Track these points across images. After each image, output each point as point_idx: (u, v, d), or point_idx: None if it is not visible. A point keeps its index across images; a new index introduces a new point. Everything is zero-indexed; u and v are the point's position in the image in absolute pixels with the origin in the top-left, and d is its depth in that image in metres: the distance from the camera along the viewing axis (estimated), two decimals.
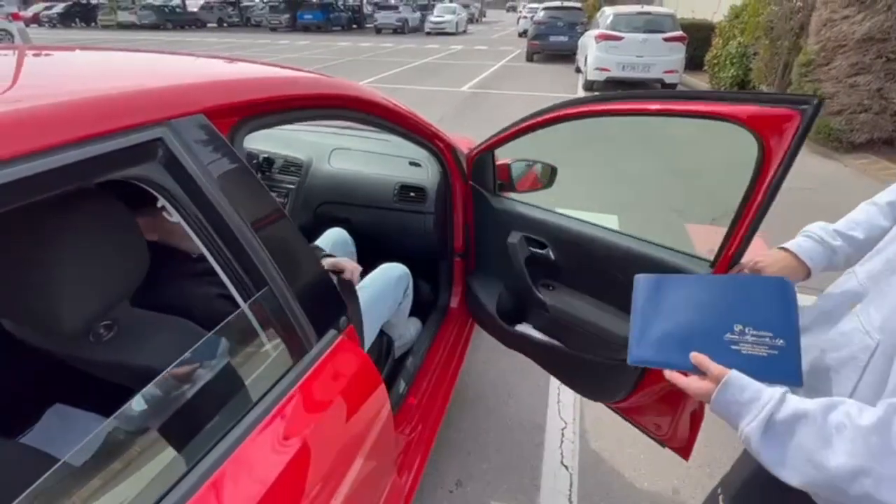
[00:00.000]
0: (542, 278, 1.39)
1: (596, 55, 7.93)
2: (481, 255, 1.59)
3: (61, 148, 0.48)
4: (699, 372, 0.64)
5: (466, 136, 2.53)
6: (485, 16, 38.61)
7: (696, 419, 1.15)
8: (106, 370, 0.76)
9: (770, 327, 0.65)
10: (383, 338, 1.48)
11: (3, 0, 13.47)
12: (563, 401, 1.86)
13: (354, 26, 24.04)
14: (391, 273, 1.44)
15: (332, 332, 0.80)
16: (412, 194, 1.66)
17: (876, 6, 4.30)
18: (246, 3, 26.88)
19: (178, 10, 23.98)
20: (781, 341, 0.64)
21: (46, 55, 0.88)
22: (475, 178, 1.48)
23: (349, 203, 1.72)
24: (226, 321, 0.64)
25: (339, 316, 0.84)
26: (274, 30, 21.89)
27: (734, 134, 0.84)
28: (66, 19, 24.02)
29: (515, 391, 1.90)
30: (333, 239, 1.57)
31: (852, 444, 0.48)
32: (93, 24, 23.94)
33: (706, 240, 3.20)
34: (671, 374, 0.67)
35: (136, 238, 0.69)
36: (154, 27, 22.02)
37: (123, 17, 22.56)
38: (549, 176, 1.51)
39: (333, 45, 15.35)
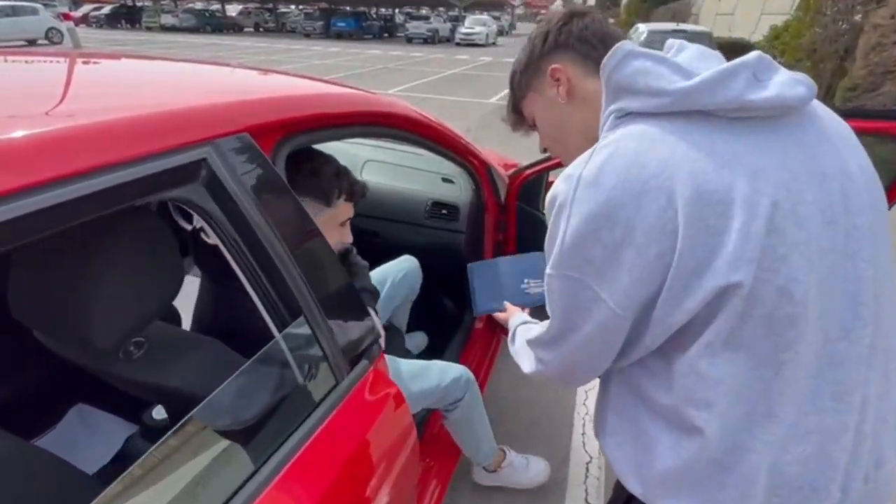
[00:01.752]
0: None
1: None
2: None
3: (104, 170, 0.46)
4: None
5: (494, 151, 2.49)
6: (515, 28, 38.77)
7: None
8: (133, 387, 0.74)
9: (540, 277, 1.09)
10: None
11: (56, 0, 14.15)
12: (588, 433, 1.78)
13: (386, 35, 24.42)
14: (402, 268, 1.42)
15: (363, 363, 0.77)
16: (444, 212, 1.63)
17: None
18: (282, 10, 27.66)
19: (217, 14, 24.85)
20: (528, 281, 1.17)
21: (92, 64, 0.88)
22: (523, 198, 1.49)
23: (379, 217, 1.70)
24: (260, 353, 0.61)
25: (372, 344, 0.80)
26: (308, 36, 22.41)
27: None
28: (112, 20, 25.11)
29: (539, 421, 1.83)
30: (404, 269, 1.47)
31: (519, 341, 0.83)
32: (137, 25, 24.98)
33: None
34: (496, 315, 1.09)
35: (173, 256, 0.67)
36: (194, 30, 22.83)
37: (166, 19, 23.47)
38: None
39: (364, 53, 15.60)
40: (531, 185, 1.47)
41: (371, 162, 1.78)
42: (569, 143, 0.73)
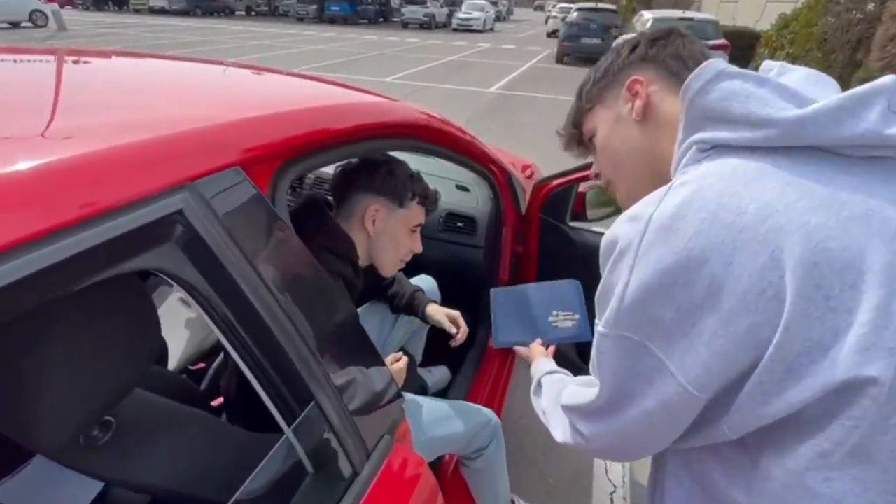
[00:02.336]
0: None
1: None
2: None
3: (21, 249, 0.30)
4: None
5: (505, 150, 2.34)
6: (512, 14, 38.14)
7: None
8: (100, 478, 0.60)
9: (570, 309, 1.04)
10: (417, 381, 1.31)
11: None
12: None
13: (381, 20, 23.86)
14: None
15: (385, 439, 0.63)
16: (460, 224, 1.48)
17: None
18: None
19: None
20: (577, 316, 1.03)
21: (45, 65, 0.71)
22: (548, 210, 1.35)
23: None
24: (267, 459, 0.46)
25: (395, 413, 0.66)
26: (301, 20, 21.83)
27: None
28: (99, 2, 24.32)
29: (558, 446, 1.71)
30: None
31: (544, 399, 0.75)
32: (125, 7, 24.22)
33: None
34: (517, 349, 0.99)
35: (146, 322, 0.52)
36: (184, 13, 22.15)
37: (155, 1, 22.75)
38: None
39: (360, 39, 15.21)
40: (557, 197, 1.33)
41: None
42: (629, 171, 0.62)
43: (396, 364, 0.93)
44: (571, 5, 16.01)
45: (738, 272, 0.40)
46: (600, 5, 12.22)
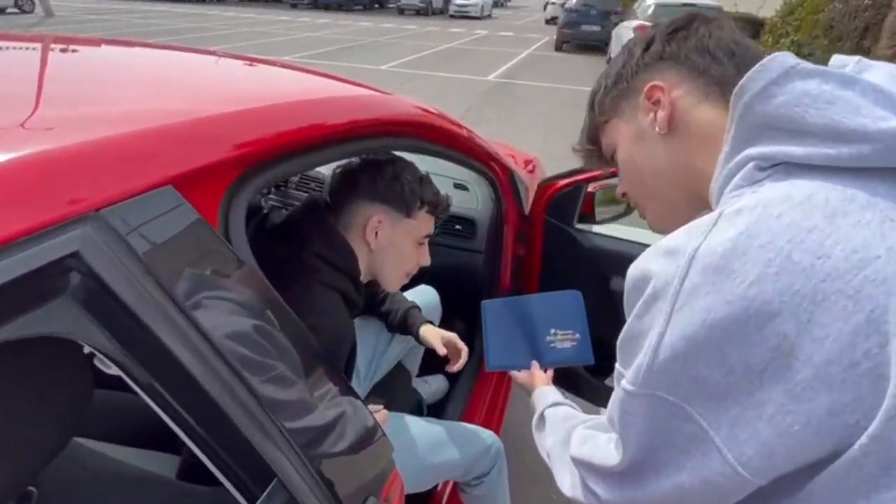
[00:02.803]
0: None
1: None
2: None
3: None
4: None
5: (506, 144, 2.22)
6: (510, 0, 37.54)
7: None
8: None
9: (570, 327, 0.92)
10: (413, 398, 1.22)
11: None
12: None
13: (377, 6, 23.39)
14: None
15: (370, 501, 0.53)
16: (458, 227, 1.37)
17: None
18: None
19: None
20: (578, 335, 0.92)
21: None
22: (553, 211, 1.24)
23: None
24: None
25: (381, 465, 0.56)
26: (294, 6, 21.37)
27: None
28: None
29: None
30: (422, 304, 1.27)
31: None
32: None
33: None
34: (513, 374, 0.88)
35: (73, 378, 0.41)
36: None
37: None
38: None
39: (355, 25, 14.89)
40: (564, 198, 1.22)
41: None
42: (658, 193, 0.52)
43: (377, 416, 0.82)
44: None
45: (818, 334, 0.31)
46: None
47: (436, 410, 1.27)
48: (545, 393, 0.79)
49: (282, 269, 0.72)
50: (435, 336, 1.08)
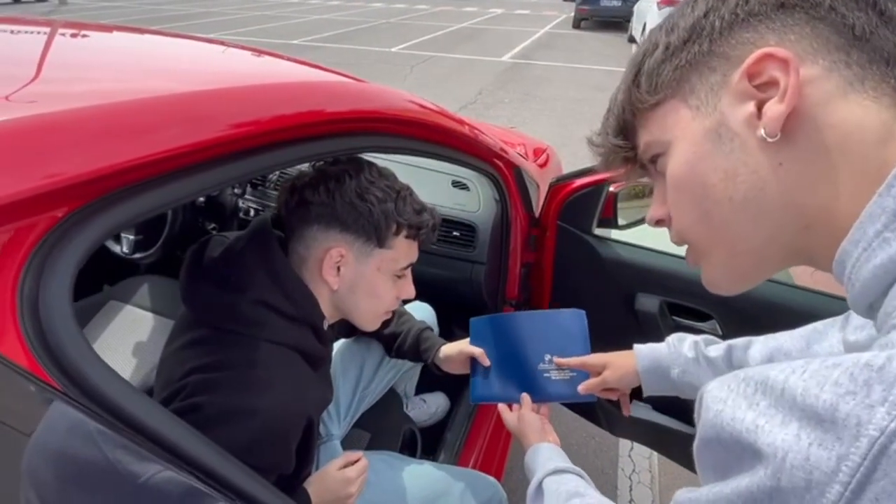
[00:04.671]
0: None
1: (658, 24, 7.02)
2: None
3: None
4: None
5: (517, 131, 2.02)
6: None
7: None
8: None
9: (570, 350, 0.80)
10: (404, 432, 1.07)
11: None
12: (637, 500, 1.42)
13: None
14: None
15: None
16: (456, 234, 1.20)
17: None
18: None
19: None
20: (573, 373, 0.79)
21: None
22: (568, 216, 1.07)
23: None
24: None
25: None
26: None
27: None
28: None
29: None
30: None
31: None
32: None
33: (803, 269, 2.63)
34: (501, 408, 0.77)
35: None
36: None
37: None
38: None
39: (366, 7, 14.56)
40: (580, 200, 1.04)
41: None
42: (733, 233, 0.32)
43: (350, 470, 0.66)
44: None
45: None
46: None
47: (431, 440, 1.13)
48: (543, 452, 0.64)
49: (218, 326, 0.57)
50: (458, 356, 0.88)
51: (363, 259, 0.64)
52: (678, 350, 0.70)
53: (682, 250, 0.40)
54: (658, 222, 0.38)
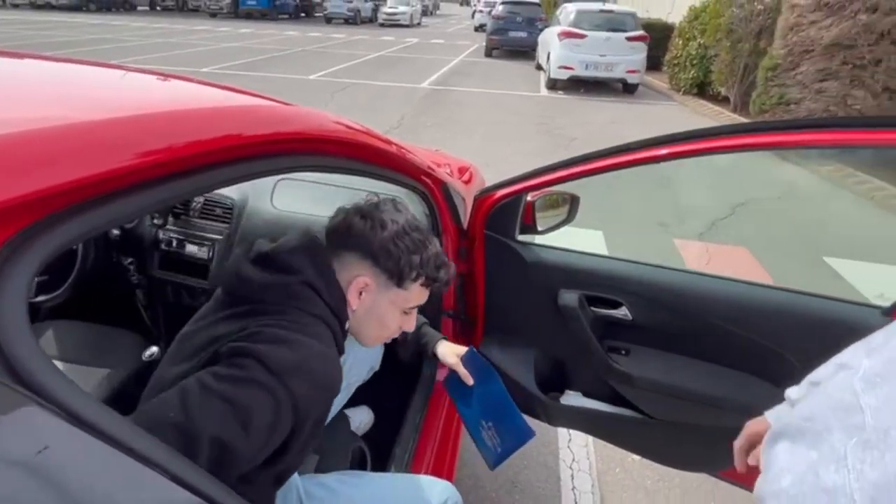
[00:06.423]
0: (607, 341, 1.14)
1: (559, 53, 7.70)
2: (502, 320, 1.26)
3: None
4: None
5: (441, 151, 2.13)
6: (438, 8, 38.11)
7: None
8: None
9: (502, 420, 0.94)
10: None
11: None
12: (579, 487, 1.52)
13: (303, 14, 22.77)
14: None
15: None
16: None
17: (843, 13, 4.28)
18: None
19: None
20: (490, 423, 0.95)
21: None
22: (493, 225, 1.15)
23: None
24: None
25: None
26: (214, 16, 20.29)
27: None
28: None
29: (521, 477, 1.54)
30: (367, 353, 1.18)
31: None
32: (3, 2, 21.21)
33: (697, 256, 3.00)
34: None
35: None
36: (74, 8, 19.72)
37: None
38: (570, 207, 1.22)
39: (280, 35, 14.34)
40: (503, 210, 1.13)
41: (285, 182, 1.34)
42: None
43: None
44: (495, 0, 16.14)
45: None
46: None
47: (380, 455, 1.13)
48: None
49: (263, 300, 0.65)
50: (452, 354, 0.98)
51: (382, 292, 0.74)
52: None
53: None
54: None
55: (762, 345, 0.95)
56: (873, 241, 3.44)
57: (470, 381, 0.94)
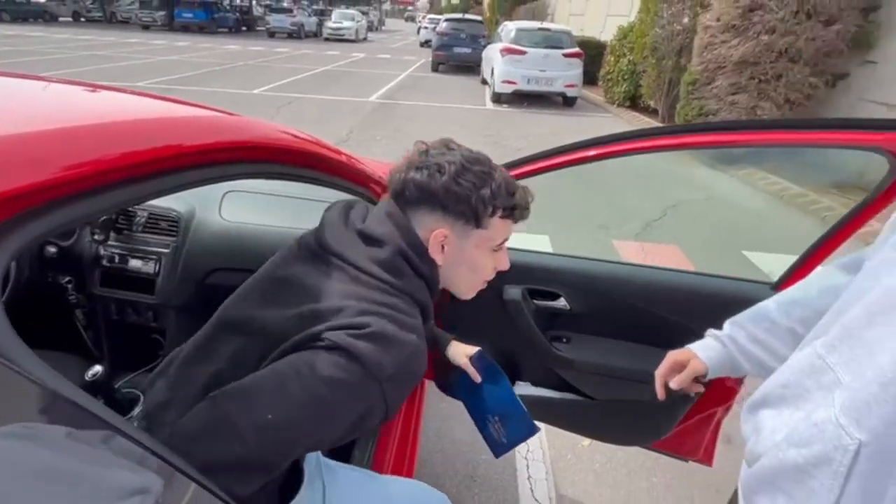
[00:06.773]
0: (550, 331, 1.24)
1: (502, 68, 8.03)
2: (452, 317, 1.30)
3: None
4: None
5: (386, 164, 2.18)
6: (384, 24, 38.43)
7: (717, 428, 1.22)
8: None
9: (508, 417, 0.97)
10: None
11: None
12: (534, 475, 1.60)
13: (244, 28, 22.21)
14: None
15: None
16: None
17: (748, 33, 4.80)
18: None
19: None
20: (496, 417, 0.96)
21: None
22: None
23: (251, 269, 1.28)
24: None
25: None
26: (147, 28, 19.37)
27: None
28: None
29: (479, 471, 1.59)
30: None
31: None
32: None
33: (634, 255, 3.23)
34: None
35: None
36: None
37: None
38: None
39: (220, 49, 13.92)
40: None
41: (233, 193, 1.34)
42: None
43: None
44: (440, 17, 16.55)
45: None
46: (467, 16, 12.80)
47: (340, 458, 1.16)
48: None
49: (355, 265, 0.64)
50: (462, 354, 0.98)
51: (463, 238, 0.70)
52: (739, 345, 0.77)
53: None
54: None
55: (674, 321, 1.08)
56: (782, 234, 3.85)
57: (478, 378, 0.96)
